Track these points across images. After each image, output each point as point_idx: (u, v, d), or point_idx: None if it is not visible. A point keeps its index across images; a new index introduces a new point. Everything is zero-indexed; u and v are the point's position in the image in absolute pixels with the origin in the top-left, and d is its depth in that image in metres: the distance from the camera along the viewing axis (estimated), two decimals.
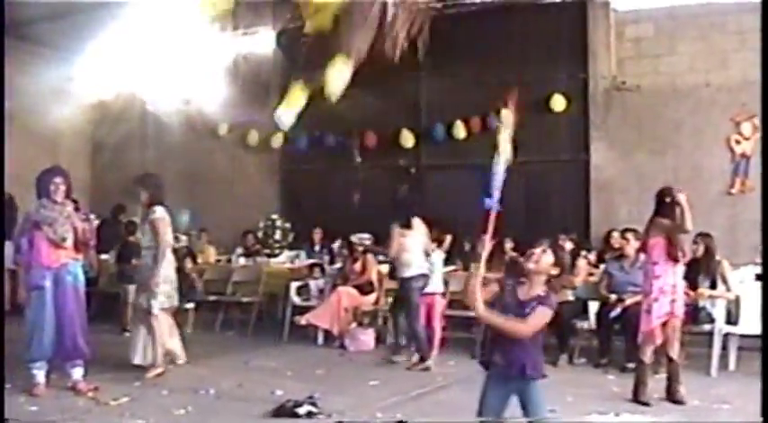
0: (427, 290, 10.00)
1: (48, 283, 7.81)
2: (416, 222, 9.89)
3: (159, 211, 8.93)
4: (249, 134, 15.91)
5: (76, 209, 8.82)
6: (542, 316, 4.86)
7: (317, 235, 14.00)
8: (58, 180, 8.06)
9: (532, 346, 4.93)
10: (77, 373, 7.98)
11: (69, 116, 16.12)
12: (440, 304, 10.22)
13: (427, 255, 9.91)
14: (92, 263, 9.04)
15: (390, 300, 10.90)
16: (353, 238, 12.00)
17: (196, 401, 7.58)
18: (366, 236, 12.18)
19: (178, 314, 10.04)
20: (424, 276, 9.79)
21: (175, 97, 15.98)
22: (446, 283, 10.50)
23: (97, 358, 8.47)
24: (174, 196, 16.05)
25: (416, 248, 9.75)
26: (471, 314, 10.57)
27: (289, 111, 5.22)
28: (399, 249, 9.72)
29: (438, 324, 10.13)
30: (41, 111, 15.13)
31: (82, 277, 8.16)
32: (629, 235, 9.93)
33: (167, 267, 8.94)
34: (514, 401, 4.96)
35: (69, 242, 7.94)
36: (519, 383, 4.93)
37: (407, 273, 9.74)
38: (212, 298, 12.55)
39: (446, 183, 14.28)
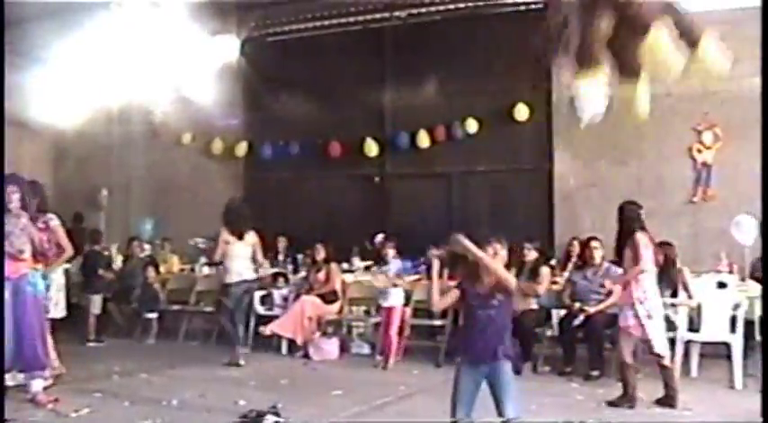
0: (387, 303, 10.12)
1: (6, 294, 7.68)
2: (249, 233, 10.41)
3: (56, 218, 8.69)
4: (213, 143, 15.84)
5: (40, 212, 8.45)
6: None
7: (281, 244, 13.93)
8: (10, 189, 7.85)
9: (504, 333, 5.28)
10: (37, 384, 7.82)
11: (31, 123, 15.99)
12: (398, 315, 10.24)
13: (255, 263, 10.52)
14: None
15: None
16: (190, 242, 12.16)
17: (158, 412, 7.49)
18: (200, 240, 12.25)
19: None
20: (246, 282, 10.32)
21: (139, 105, 15.90)
22: (408, 295, 10.52)
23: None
24: (137, 205, 16.14)
25: (240, 256, 10.26)
26: (435, 323, 10.71)
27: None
28: (223, 256, 10.30)
29: (394, 334, 10.17)
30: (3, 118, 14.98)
31: (42, 287, 8.05)
32: (596, 243, 9.98)
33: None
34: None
35: (27, 254, 7.80)
36: (489, 367, 5.23)
37: (227, 279, 10.33)
38: (175, 307, 12.48)
39: (411, 191, 14.31)
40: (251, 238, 10.49)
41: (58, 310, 10.50)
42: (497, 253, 5.43)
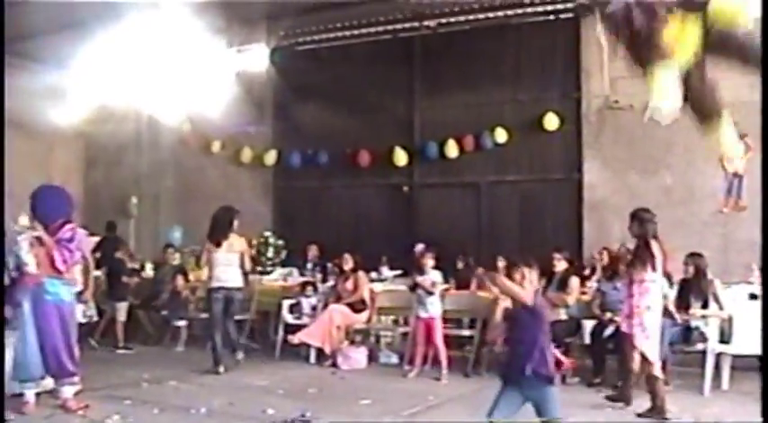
0: (424, 314, 10.09)
1: (26, 303, 7.74)
2: (232, 240, 10.60)
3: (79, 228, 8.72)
4: (242, 151, 15.93)
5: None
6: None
7: (312, 252, 13.95)
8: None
9: (532, 347, 5.25)
10: (67, 391, 7.89)
11: (62, 132, 16.13)
12: (439, 325, 10.21)
13: (244, 272, 10.73)
14: (83, 282, 8.95)
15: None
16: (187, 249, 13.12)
17: (187, 420, 7.54)
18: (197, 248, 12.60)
19: None
20: (224, 289, 10.44)
21: (169, 114, 16.00)
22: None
23: (88, 376, 8.42)
24: (166, 213, 16.23)
25: (221, 264, 10.48)
26: (463, 333, 10.68)
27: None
28: (208, 264, 10.62)
29: (441, 343, 10.12)
30: (33, 127, 15.12)
31: (67, 295, 8.05)
32: (622, 250, 9.92)
33: None
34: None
35: (31, 268, 7.82)
36: (528, 388, 5.24)
37: (211, 284, 10.55)
38: (204, 315, 12.49)
39: (439, 201, 14.31)
40: (237, 245, 10.66)
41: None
42: (524, 276, 5.41)
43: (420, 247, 11.64)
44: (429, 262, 10.44)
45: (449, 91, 13.92)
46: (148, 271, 13.94)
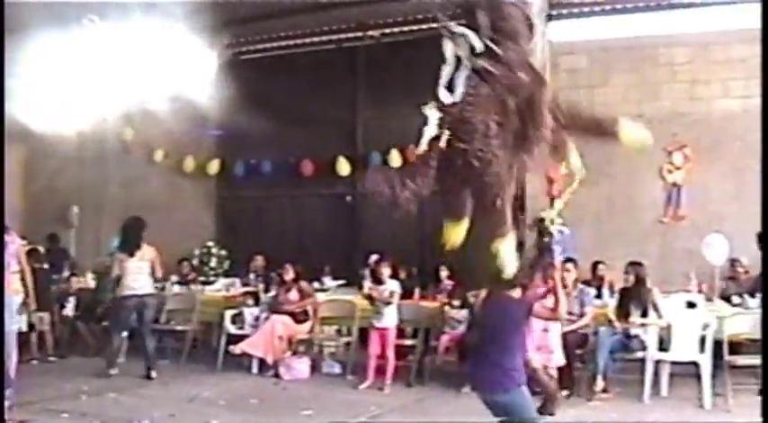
0: (380, 323, 10.11)
1: None
2: (144, 249, 10.93)
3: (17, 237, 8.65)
4: (185, 160, 15.80)
5: None
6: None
7: (257, 262, 13.87)
8: None
9: (497, 361, 5.38)
10: None
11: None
12: (392, 335, 10.23)
13: (155, 279, 11.17)
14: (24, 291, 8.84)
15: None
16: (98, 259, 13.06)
17: None
18: (107, 258, 12.68)
19: None
20: (137, 296, 10.80)
21: (111, 121, 15.86)
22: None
23: (23, 388, 8.30)
24: (108, 222, 16.03)
25: (133, 272, 10.79)
26: (406, 342, 10.70)
27: None
28: (120, 273, 10.88)
29: (392, 354, 10.14)
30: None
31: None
32: (569, 265, 10.00)
33: None
34: None
35: None
36: (494, 398, 5.31)
37: (122, 293, 10.85)
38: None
39: (381, 210, 14.25)
40: (148, 254, 10.95)
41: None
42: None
43: (375, 256, 11.63)
44: (386, 271, 10.46)
45: (392, 101, 13.94)
46: (89, 281, 13.75)
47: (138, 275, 10.77)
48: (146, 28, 13.11)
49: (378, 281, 10.41)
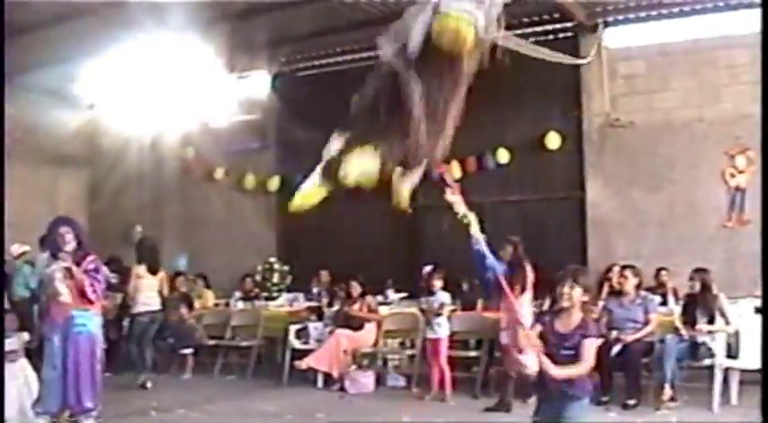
0: (431, 334, 10.12)
1: (55, 336, 7.78)
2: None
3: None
4: (246, 178, 15.94)
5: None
6: (592, 347, 5.30)
7: (323, 277, 13.92)
8: (64, 229, 8.01)
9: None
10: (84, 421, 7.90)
11: (66, 161, 16.18)
12: (444, 346, 10.21)
13: (162, 296, 11.64)
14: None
15: None
16: None
17: None
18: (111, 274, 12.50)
19: None
20: (151, 313, 11.39)
21: (171, 141, 16.06)
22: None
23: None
24: (171, 241, 16.23)
25: (148, 289, 11.36)
26: (471, 354, 10.66)
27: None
28: (134, 288, 11.38)
29: (445, 364, 10.12)
30: (38, 156, 15.20)
31: (95, 328, 8.08)
32: (628, 272, 9.90)
33: None
34: None
35: (65, 298, 7.85)
36: (562, 403, 5.26)
37: (135, 309, 11.39)
38: (211, 342, 12.49)
39: (442, 223, 14.29)
40: (160, 272, 11.61)
41: None
42: (572, 298, 5.34)
43: (428, 268, 11.63)
44: (437, 283, 10.45)
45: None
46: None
47: (151, 292, 11.35)
48: (206, 45, 13.27)
49: (430, 292, 10.40)
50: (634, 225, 12.71)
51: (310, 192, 4.96)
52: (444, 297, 10.35)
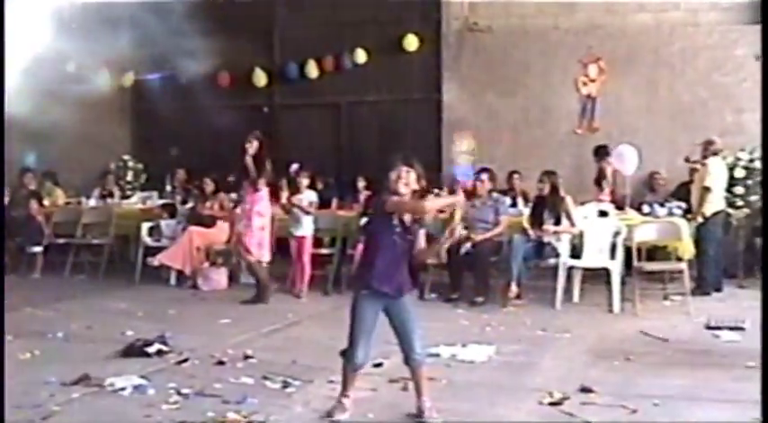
0: (297, 232, 10.22)
1: None
2: None
3: None
4: (98, 74, 15.41)
5: None
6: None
7: (180, 176, 13.71)
8: None
9: (406, 271, 5.32)
10: None
11: None
12: (309, 244, 10.35)
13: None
14: None
15: None
16: None
17: (43, 345, 7.38)
18: None
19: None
20: None
21: (23, 36, 15.39)
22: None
23: None
24: (19, 137, 15.67)
25: None
26: (323, 251, 10.77)
27: None
28: None
29: (308, 262, 10.27)
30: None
31: None
32: (483, 174, 10.08)
33: None
34: None
35: None
36: (392, 299, 5.25)
37: None
38: (61, 241, 12.23)
39: (299, 121, 14.24)
40: None
41: None
42: (408, 183, 5.32)
43: (295, 166, 11.62)
44: (304, 181, 10.50)
45: (309, 10, 13.81)
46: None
47: None
48: None
49: (296, 190, 10.44)
50: (489, 128, 12.90)
51: None
52: (311, 195, 10.43)
